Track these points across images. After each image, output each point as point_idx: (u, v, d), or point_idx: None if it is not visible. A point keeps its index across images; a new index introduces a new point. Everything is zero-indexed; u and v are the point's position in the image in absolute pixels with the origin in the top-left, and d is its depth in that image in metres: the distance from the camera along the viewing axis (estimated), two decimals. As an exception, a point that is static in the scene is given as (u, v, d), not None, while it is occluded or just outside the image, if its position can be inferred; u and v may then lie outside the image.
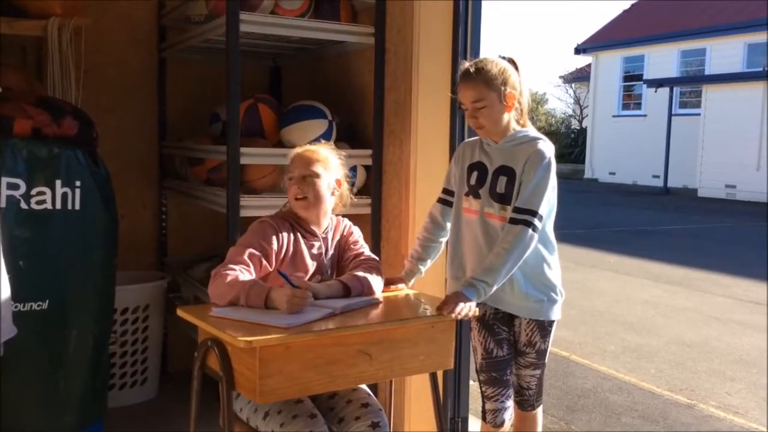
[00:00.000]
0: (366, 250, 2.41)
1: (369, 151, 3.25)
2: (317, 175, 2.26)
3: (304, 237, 2.30)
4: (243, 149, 2.92)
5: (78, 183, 2.66)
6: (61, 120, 2.62)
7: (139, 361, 3.70)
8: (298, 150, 2.33)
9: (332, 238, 2.37)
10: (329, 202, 2.31)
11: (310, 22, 3.09)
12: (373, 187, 3.25)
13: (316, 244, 2.32)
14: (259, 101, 3.27)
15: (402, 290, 2.48)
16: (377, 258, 2.44)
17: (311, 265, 2.29)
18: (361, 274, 2.28)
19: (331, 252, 2.36)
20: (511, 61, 2.35)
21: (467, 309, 2.15)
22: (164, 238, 4.13)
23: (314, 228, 2.32)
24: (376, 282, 2.30)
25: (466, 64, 2.36)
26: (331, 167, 2.31)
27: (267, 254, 2.20)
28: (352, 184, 2.52)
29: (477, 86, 2.30)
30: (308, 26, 3.07)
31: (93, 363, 2.84)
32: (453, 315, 2.13)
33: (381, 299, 2.28)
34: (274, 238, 2.21)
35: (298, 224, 2.30)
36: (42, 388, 2.69)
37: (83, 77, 3.31)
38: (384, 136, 3.24)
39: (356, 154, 3.23)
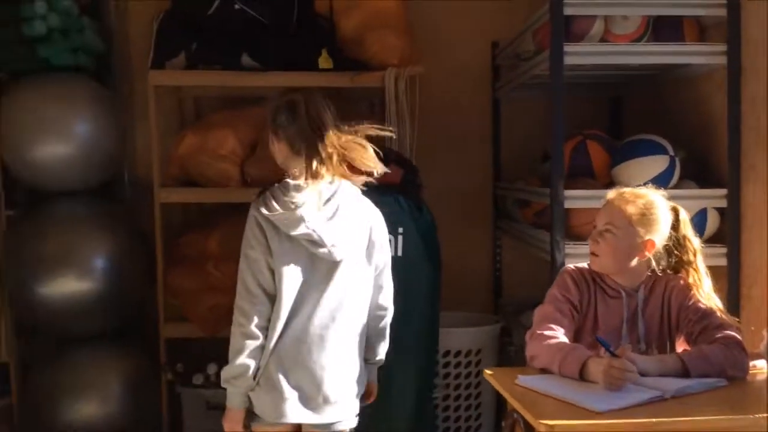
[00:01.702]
0: (715, 315, 1.98)
1: (723, 191, 2.77)
2: (617, 233, 1.96)
3: (605, 293, 2.00)
4: (567, 192, 2.71)
5: (401, 230, 2.71)
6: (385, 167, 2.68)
7: (473, 406, 3.64)
8: (613, 193, 2.05)
9: (647, 297, 2.00)
10: (631, 263, 1.98)
11: (644, 46, 2.76)
12: (728, 235, 2.75)
13: (620, 302, 2.00)
14: (588, 138, 3.01)
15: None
16: (735, 325, 1.98)
17: (610, 328, 1.99)
18: (707, 348, 1.88)
19: (646, 314, 2.00)
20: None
21: None
22: (498, 279, 4.06)
23: (618, 284, 2.00)
24: (733, 361, 1.87)
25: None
26: (645, 223, 1.96)
27: (573, 305, 2.00)
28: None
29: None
30: (641, 51, 2.75)
31: (416, 410, 2.85)
32: None
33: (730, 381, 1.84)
34: (575, 289, 2.00)
35: (600, 277, 2.02)
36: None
37: (419, 123, 3.41)
38: (741, 173, 2.73)
39: (706, 195, 2.79)
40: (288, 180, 2.05)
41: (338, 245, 2.02)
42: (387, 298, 2.22)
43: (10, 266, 3.23)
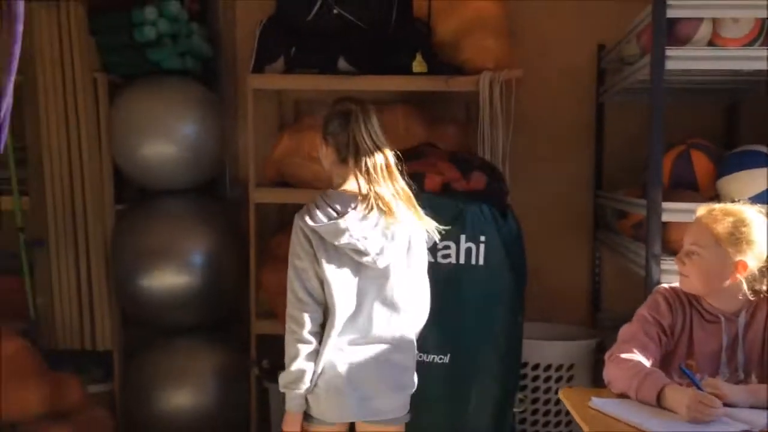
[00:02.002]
0: None
1: (839, 210, 2.50)
2: (703, 254, 1.82)
3: (702, 317, 1.86)
4: (665, 204, 2.54)
5: (482, 238, 2.64)
6: (469, 174, 2.64)
7: (563, 423, 3.50)
8: (703, 210, 1.91)
9: (748, 323, 1.85)
10: (722, 285, 1.83)
11: (756, 51, 2.52)
12: None
13: (719, 328, 1.85)
14: (693, 147, 2.82)
15: None
16: None
17: (707, 354, 1.85)
18: None
19: (746, 341, 1.85)
20: None
21: None
22: (597, 292, 3.89)
23: (716, 308, 1.85)
24: None
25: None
26: (734, 243, 1.81)
27: (663, 329, 1.88)
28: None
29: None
30: (752, 56, 2.51)
31: (494, 422, 2.76)
32: None
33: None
34: (667, 311, 1.88)
35: (697, 300, 1.89)
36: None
37: (516, 128, 3.33)
38: None
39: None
40: (331, 189, 2.08)
41: (382, 253, 2.03)
42: (423, 301, 2.22)
43: (117, 258, 3.41)
